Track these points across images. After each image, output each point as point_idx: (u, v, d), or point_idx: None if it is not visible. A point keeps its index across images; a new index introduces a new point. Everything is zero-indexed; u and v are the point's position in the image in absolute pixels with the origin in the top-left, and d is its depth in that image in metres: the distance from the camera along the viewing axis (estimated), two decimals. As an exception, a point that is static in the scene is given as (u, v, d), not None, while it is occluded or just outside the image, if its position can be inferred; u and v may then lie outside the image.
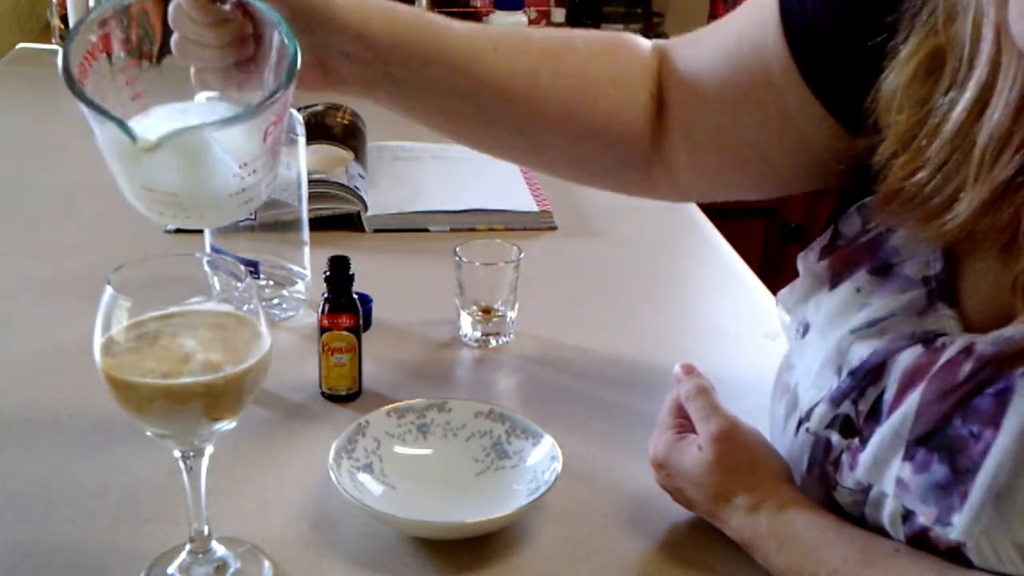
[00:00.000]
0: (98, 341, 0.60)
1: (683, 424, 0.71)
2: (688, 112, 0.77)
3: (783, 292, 0.71)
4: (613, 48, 0.80)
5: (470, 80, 0.75)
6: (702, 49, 0.77)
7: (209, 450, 0.64)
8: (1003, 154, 0.54)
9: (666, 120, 0.79)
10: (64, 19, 1.86)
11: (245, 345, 0.61)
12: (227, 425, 0.62)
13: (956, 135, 0.56)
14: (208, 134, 0.59)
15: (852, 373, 0.62)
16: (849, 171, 0.65)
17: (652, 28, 2.07)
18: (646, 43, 0.81)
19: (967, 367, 0.55)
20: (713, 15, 2.01)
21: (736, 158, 0.76)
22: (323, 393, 0.86)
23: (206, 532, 0.66)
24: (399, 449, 0.77)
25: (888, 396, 0.59)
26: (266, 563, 0.68)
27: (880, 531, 0.60)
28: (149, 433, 0.61)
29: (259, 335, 0.61)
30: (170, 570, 0.66)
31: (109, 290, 0.59)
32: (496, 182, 1.34)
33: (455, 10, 1.99)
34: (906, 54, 0.60)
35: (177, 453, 0.63)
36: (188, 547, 0.66)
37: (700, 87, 0.75)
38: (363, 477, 0.73)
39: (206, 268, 0.67)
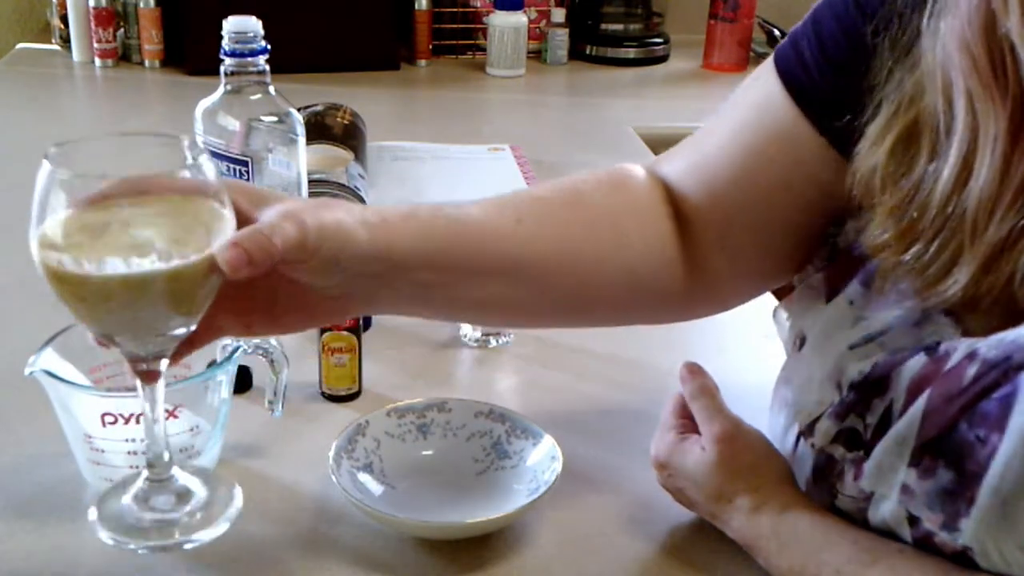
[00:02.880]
0: (35, 231, 0.53)
1: (685, 424, 0.71)
2: (718, 219, 0.73)
3: (778, 306, 0.71)
4: (618, 182, 0.75)
5: (506, 261, 0.68)
6: (708, 155, 0.73)
7: (165, 363, 0.57)
8: (994, 216, 0.54)
9: (696, 236, 0.74)
10: (64, 19, 1.86)
11: (206, 228, 0.54)
12: (188, 326, 0.56)
13: (945, 204, 0.56)
14: None
15: (856, 387, 0.61)
16: None
17: (652, 28, 2.06)
18: (640, 168, 0.77)
19: (971, 370, 0.55)
20: (713, 15, 2.01)
21: (778, 246, 0.72)
22: (323, 393, 0.86)
23: (166, 457, 0.60)
24: (399, 449, 0.77)
25: (897, 408, 0.59)
26: (236, 489, 0.62)
27: (884, 534, 0.60)
28: (97, 340, 0.56)
29: (221, 217, 0.55)
30: (125, 500, 0.59)
31: (46, 167, 0.52)
32: (496, 182, 1.33)
33: (455, 10, 1.99)
34: (876, 133, 0.60)
35: (129, 367, 0.57)
36: (145, 473, 0.60)
37: (724, 190, 0.72)
38: (363, 477, 0.73)
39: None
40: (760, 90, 0.71)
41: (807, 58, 0.68)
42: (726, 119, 0.73)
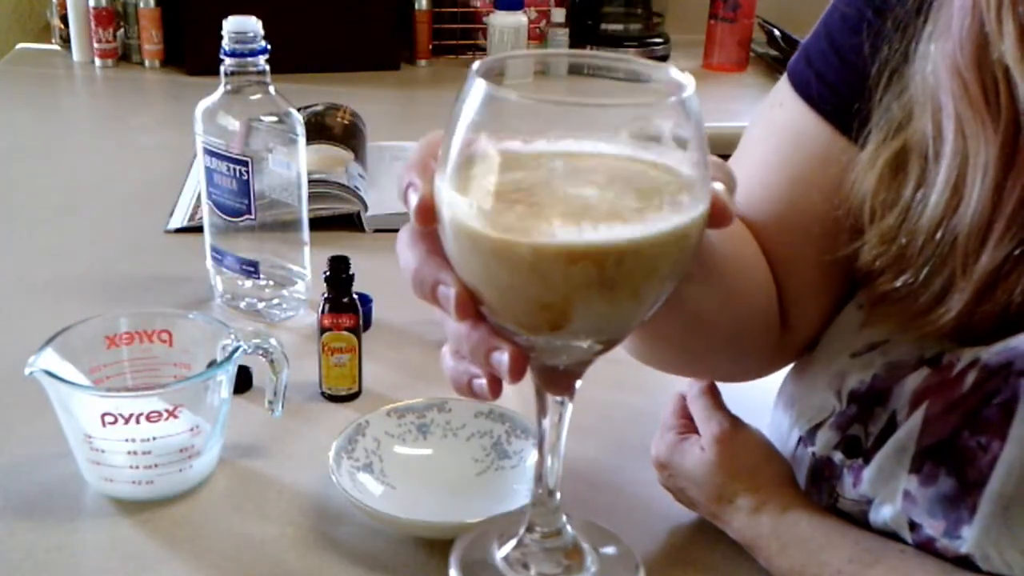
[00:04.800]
0: (450, 181, 0.37)
1: (686, 424, 0.71)
2: (775, 260, 0.66)
3: None
4: None
5: (714, 257, 0.58)
6: (749, 199, 0.65)
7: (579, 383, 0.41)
8: (986, 244, 0.53)
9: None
10: (64, 19, 1.86)
11: (672, 196, 0.39)
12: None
13: (934, 231, 0.55)
14: None
15: (856, 397, 0.61)
16: None
17: (652, 28, 2.06)
18: None
19: (971, 377, 0.55)
20: (713, 15, 2.01)
21: (838, 278, 0.65)
22: (323, 393, 0.86)
23: (557, 498, 0.44)
24: (399, 449, 0.77)
25: (900, 418, 0.58)
26: (634, 555, 0.49)
27: (884, 535, 0.60)
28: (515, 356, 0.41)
29: (690, 185, 0.39)
30: (496, 558, 0.45)
31: (482, 88, 0.36)
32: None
33: (455, 10, 1.98)
34: (866, 161, 0.59)
35: (540, 379, 0.43)
36: (527, 523, 0.44)
37: (779, 233, 0.65)
38: (363, 477, 0.73)
39: None
40: (785, 117, 0.65)
41: (824, 71, 0.63)
42: (755, 156, 0.67)
